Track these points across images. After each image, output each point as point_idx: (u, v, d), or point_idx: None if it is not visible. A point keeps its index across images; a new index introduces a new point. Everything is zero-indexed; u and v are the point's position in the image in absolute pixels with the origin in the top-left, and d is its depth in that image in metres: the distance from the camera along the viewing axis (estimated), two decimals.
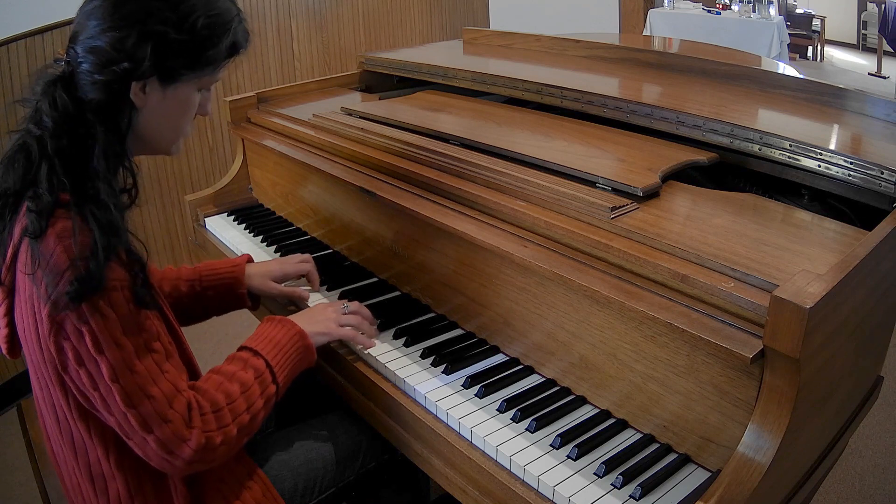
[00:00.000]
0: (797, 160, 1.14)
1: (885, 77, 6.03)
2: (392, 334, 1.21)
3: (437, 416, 1.03)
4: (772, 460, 0.77)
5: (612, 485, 0.87)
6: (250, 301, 1.34)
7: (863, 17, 7.03)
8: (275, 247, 1.58)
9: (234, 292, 1.30)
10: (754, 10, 4.84)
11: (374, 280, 1.42)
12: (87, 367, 0.84)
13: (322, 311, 1.17)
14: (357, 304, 1.22)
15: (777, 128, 1.20)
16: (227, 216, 1.81)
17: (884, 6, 6.23)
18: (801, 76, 1.53)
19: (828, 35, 7.14)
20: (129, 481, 0.94)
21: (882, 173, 1.04)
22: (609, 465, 0.89)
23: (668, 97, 1.46)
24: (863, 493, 1.92)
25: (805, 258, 0.90)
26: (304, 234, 1.65)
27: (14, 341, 0.95)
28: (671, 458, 0.92)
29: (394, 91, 1.98)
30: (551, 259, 1.01)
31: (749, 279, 0.86)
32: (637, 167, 1.15)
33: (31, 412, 1.29)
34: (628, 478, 0.87)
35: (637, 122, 1.35)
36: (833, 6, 7.12)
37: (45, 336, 0.84)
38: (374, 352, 1.16)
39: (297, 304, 1.34)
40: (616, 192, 1.09)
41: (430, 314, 1.28)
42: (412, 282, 1.33)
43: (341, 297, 1.35)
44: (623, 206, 1.04)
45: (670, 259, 0.92)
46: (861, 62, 6.74)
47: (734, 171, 1.28)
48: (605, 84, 1.62)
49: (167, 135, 0.97)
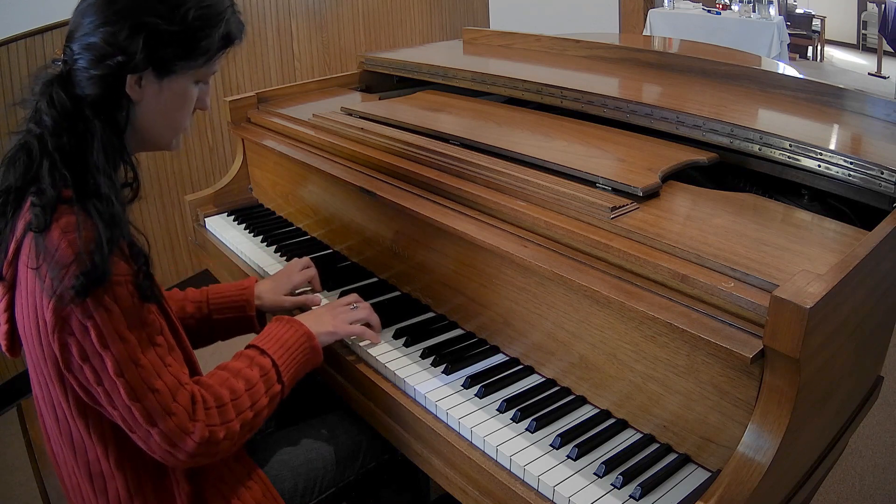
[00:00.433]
0: (797, 160, 1.14)
1: (885, 77, 6.03)
2: (392, 334, 1.21)
3: (437, 416, 1.03)
4: (772, 460, 0.77)
5: (612, 485, 0.87)
6: (259, 324, 1.31)
7: (863, 17, 7.04)
8: (275, 247, 1.58)
9: (244, 315, 1.28)
10: (754, 10, 4.84)
11: (374, 280, 1.42)
12: (92, 363, 0.84)
13: (330, 311, 1.17)
14: (363, 302, 1.22)
15: (777, 128, 1.20)
16: (227, 216, 1.81)
17: (884, 6, 6.23)
18: (801, 76, 1.53)
19: (828, 35, 7.15)
20: (128, 481, 0.94)
21: (882, 173, 1.05)
22: (609, 465, 0.89)
23: (668, 97, 1.46)
24: (863, 493, 1.92)
25: (805, 258, 0.90)
26: (304, 234, 1.65)
27: (14, 338, 0.95)
28: (671, 458, 0.92)
29: (394, 91, 1.98)
30: (551, 259, 1.01)
31: (749, 279, 0.86)
32: (637, 167, 1.15)
33: (31, 412, 1.29)
34: (628, 478, 0.88)
35: (637, 122, 1.35)
36: (833, 6, 7.12)
37: (49, 333, 0.84)
38: (374, 352, 1.16)
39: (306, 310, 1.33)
40: (616, 192, 1.09)
41: (430, 314, 1.28)
42: (412, 282, 1.33)
43: (341, 297, 1.34)
44: (623, 206, 1.04)
45: (670, 259, 0.92)
46: (861, 62, 6.74)
47: (734, 171, 1.28)
48: (605, 84, 1.62)
49: (166, 129, 0.97)
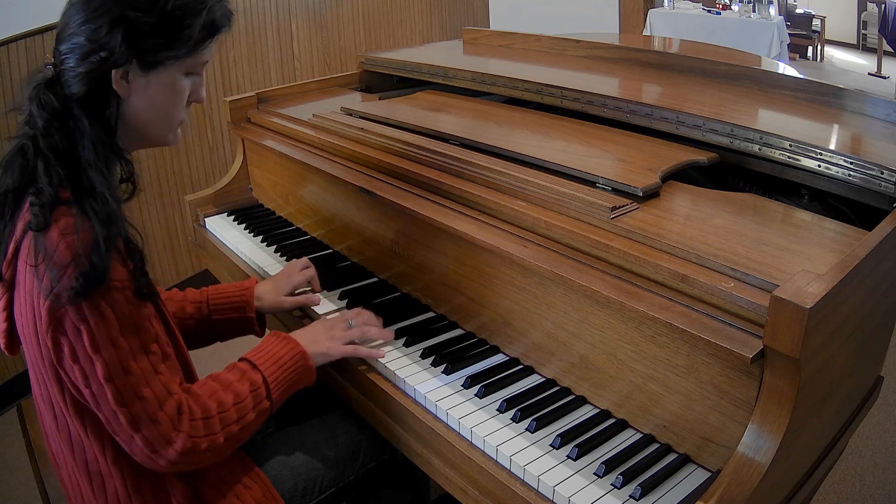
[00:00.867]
0: (797, 160, 1.14)
1: (885, 77, 6.03)
2: (392, 334, 1.21)
3: (437, 416, 1.03)
4: (772, 460, 0.77)
5: (612, 485, 0.87)
6: (258, 326, 1.30)
7: (863, 17, 7.03)
8: (275, 247, 1.58)
9: (243, 316, 1.28)
10: (754, 10, 4.84)
11: (374, 280, 1.42)
12: (82, 365, 0.85)
13: (327, 331, 1.15)
14: (364, 317, 1.20)
15: (777, 128, 1.20)
16: (227, 216, 1.81)
17: (884, 6, 6.23)
18: (801, 76, 1.53)
19: (828, 35, 7.14)
20: (126, 479, 0.94)
21: (882, 173, 1.05)
22: (609, 465, 0.89)
23: (668, 97, 1.46)
24: (863, 493, 1.92)
25: (805, 258, 0.90)
26: (304, 234, 1.65)
27: (13, 337, 0.95)
28: (671, 458, 0.92)
29: (394, 91, 1.98)
30: (551, 259, 1.01)
31: (749, 279, 0.86)
32: (637, 167, 1.15)
33: (31, 412, 1.29)
34: (628, 478, 0.88)
35: (637, 122, 1.35)
36: (833, 6, 7.12)
37: (44, 331, 0.84)
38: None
39: (308, 312, 1.33)
40: (616, 192, 1.09)
41: (430, 314, 1.28)
42: (412, 282, 1.33)
43: (341, 297, 1.35)
44: (623, 206, 1.04)
45: (670, 259, 0.92)
46: (861, 62, 6.74)
47: (734, 171, 1.28)
48: (605, 84, 1.62)
49: (159, 123, 0.97)
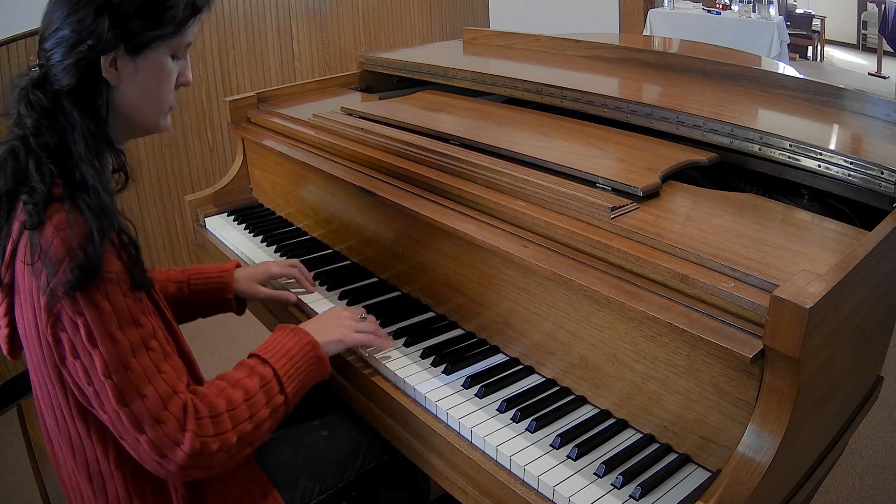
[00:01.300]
0: (797, 160, 1.14)
1: (885, 77, 6.03)
2: (392, 334, 1.21)
3: (437, 416, 1.03)
4: (772, 460, 0.77)
5: (612, 485, 0.87)
6: (237, 307, 1.35)
7: (863, 17, 7.03)
8: (275, 247, 1.58)
9: (222, 297, 1.32)
10: (754, 10, 4.84)
11: (374, 280, 1.42)
12: (82, 360, 0.84)
13: (336, 318, 1.14)
14: (375, 324, 1.20)
15: (777, 128, 1.20)
16: (227, 216, 1.81)
17: (884, 6, 6.23)
18: (801, 76, 1.53)
19: (828, 35, 7.14)
20: (127, 481, 0.94)
21: (882, 173, 1.04)
22: (609, 465, 0.89)
23: (668, 97, 1.46)
24: (863, 493, 1.92)
25: (805, 258, 0.90)
26: (305, 234, 1.65)
27: (14, 341, 0.95)
28: (671, 458, 0.92)
29: (394, 91, 1.98)
30: (551, 259, 1.01)
31: (749, 279, 0.86)
32: (637, 167, 1.15)
33: (31, 412, 1.29)
34: (628, 478, 0.88)
35: (637, 122, 1.35)
36: (833, 6, 7.11)
37: (44, 329, 0.84)
38: (374, 352, 1.16)
39: (288, 309, 1.36)
40: (616, 192, 1.09)
41: (430, 314, 1.28)
42: (412, 282, 1.33)
43: (341, 296, 1.35)
44: (623, 206, 1.04)
45: (670, 259, 0.92)
46: (861, 62, 6.73)
47: (734, 171, 1.28)
48: (605, 84, 1.62)
49: (150, 109, 0.96)
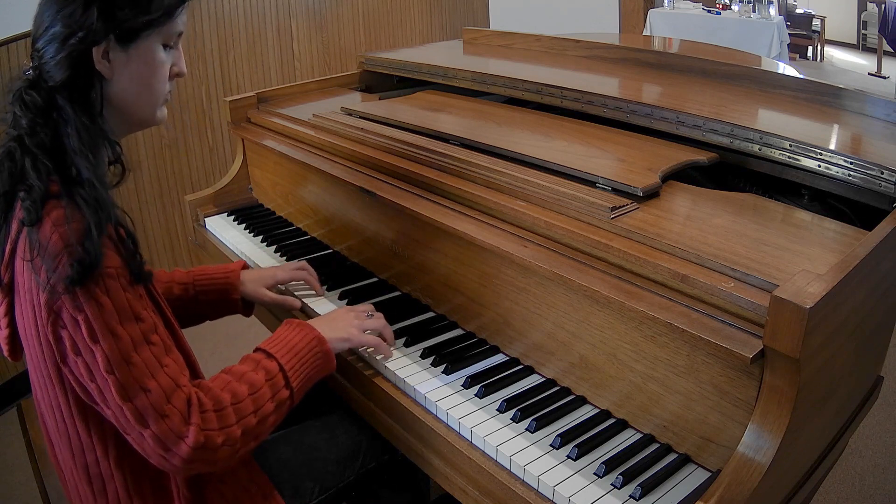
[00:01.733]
0: (797, 160, 1.14)
1: (885, 77, 6.03)
2: (392, 352, 1.20)
3: (438, 416, 1.03)
4: (772, 460, 0.77)
5: (612, 485, 0.87)
6: (245, 308, 1.33)
7: (863, 17, 7.03)
8: (275, 247, 1.58)
9: (228, 298, 1.30)
10: (754, 10, 4.84)
11: (374, 280, 1.42)
12: (84, 357, 0.84)
13: (344, 317, 1.14)
14: (383, 321, 1.19)
15: (777, 128, 1.20)
16: (227, 216, 1.81)
17: (884, 6, 6.23)
18: (801, 76, 1.53)
19: (828, 35, 7.15)
20: (127, 482, 0.94)
21: (882, 173, 1.05)
22: (609, 465, 0.89)
23: (668, 97, 1.46)
24: (863, 493, 1.92)
25: (805, 258, 0.90)
26: (305, 234, 1.65)
27: (15, 342, 0.95)
28: (671, 458, 0.92)
29: (394, 91, 1.98)
30: (551, 259, 1.01)
31: (749, 279, 0.86)
32: (637, 167, 1.15)
33: (31, 412, 1.29)
34: (628, 478, 0.87)
35: (637, 122, 1.35)
36: (833, 6, 7.12)
37: (44, 327, 0.84)
38: (374, 352, 1.16)
39: (308, 312, 1.33)
40: (616, 192, 1.09)
41: (430, 314, 1.28)
42: (412, 282, 1.33)
43: (341, 296, 1.35)
44: (623, 206, 1.04)
45: (670, 259, 0.92)
46: (861, 62, 6.74)
47: (734, 171, 1.28)
48: (605, 84, 1.62)
49: (145, 100, 0.96)
